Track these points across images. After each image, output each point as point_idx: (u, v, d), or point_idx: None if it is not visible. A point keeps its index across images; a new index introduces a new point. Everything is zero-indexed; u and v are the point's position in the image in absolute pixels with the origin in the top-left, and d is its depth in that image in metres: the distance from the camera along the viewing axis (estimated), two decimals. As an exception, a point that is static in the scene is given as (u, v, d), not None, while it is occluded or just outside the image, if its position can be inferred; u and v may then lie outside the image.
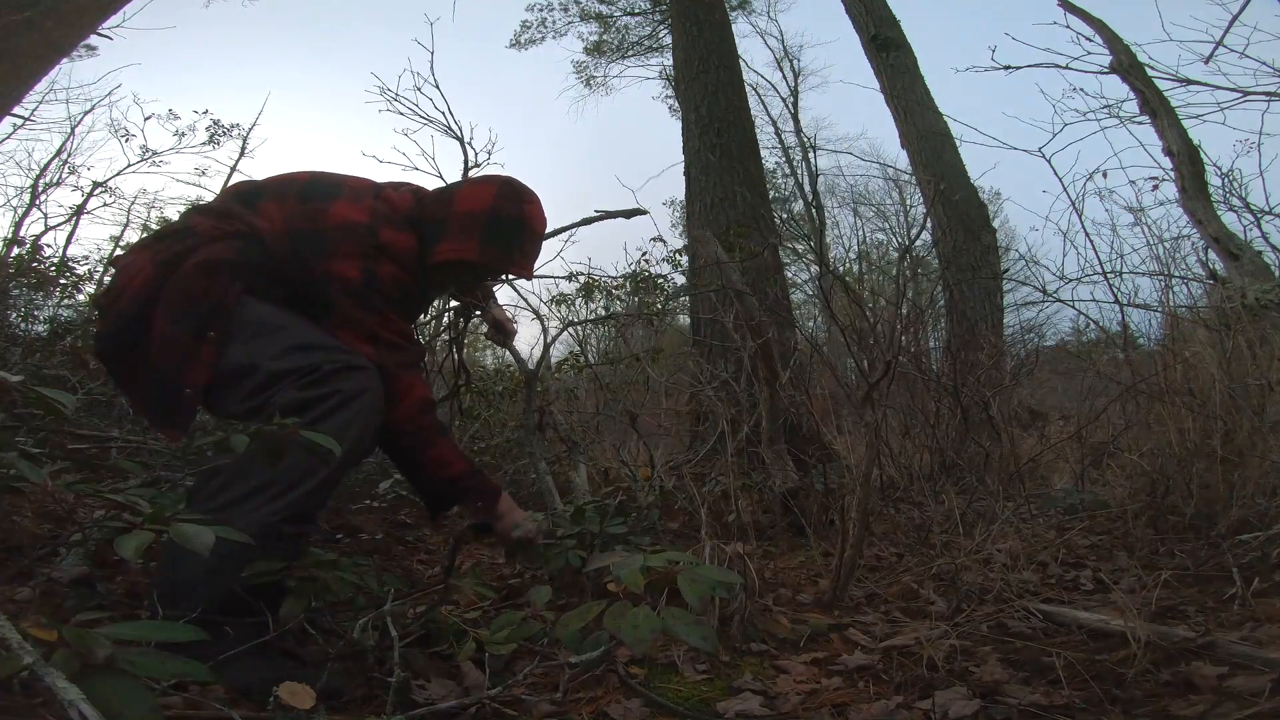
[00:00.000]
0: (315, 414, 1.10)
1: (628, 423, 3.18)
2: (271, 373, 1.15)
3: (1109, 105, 3.73)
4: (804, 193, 15.71)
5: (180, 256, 1.22)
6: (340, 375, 1.15)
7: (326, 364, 1.15)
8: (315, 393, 1.12)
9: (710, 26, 5.39)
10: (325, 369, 1.15)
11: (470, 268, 1.42)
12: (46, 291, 4.25)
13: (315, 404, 1.12)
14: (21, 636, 0.56)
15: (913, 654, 1.24)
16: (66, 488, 1.20)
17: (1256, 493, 1.88)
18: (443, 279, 1.47)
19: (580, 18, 12.20)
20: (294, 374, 1.14)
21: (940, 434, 2.86)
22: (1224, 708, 0.96)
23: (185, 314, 1.17)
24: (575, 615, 0.93)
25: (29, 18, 2.73)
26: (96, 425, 2.47)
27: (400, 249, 1.32)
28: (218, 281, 1.20)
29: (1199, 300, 2.83)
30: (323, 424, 1.08)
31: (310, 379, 1.14)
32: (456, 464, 1.32)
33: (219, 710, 0.83)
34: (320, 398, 1.12)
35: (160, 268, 1.21)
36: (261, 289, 1.24)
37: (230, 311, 1.20)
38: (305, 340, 1.19)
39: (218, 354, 1.17)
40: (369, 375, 1.19)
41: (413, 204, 1.41)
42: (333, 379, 1.14)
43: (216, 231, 1.27)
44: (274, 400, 1.12)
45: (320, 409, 1.11)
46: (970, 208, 6.21)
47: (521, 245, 1.41)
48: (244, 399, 1.15)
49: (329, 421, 1.10)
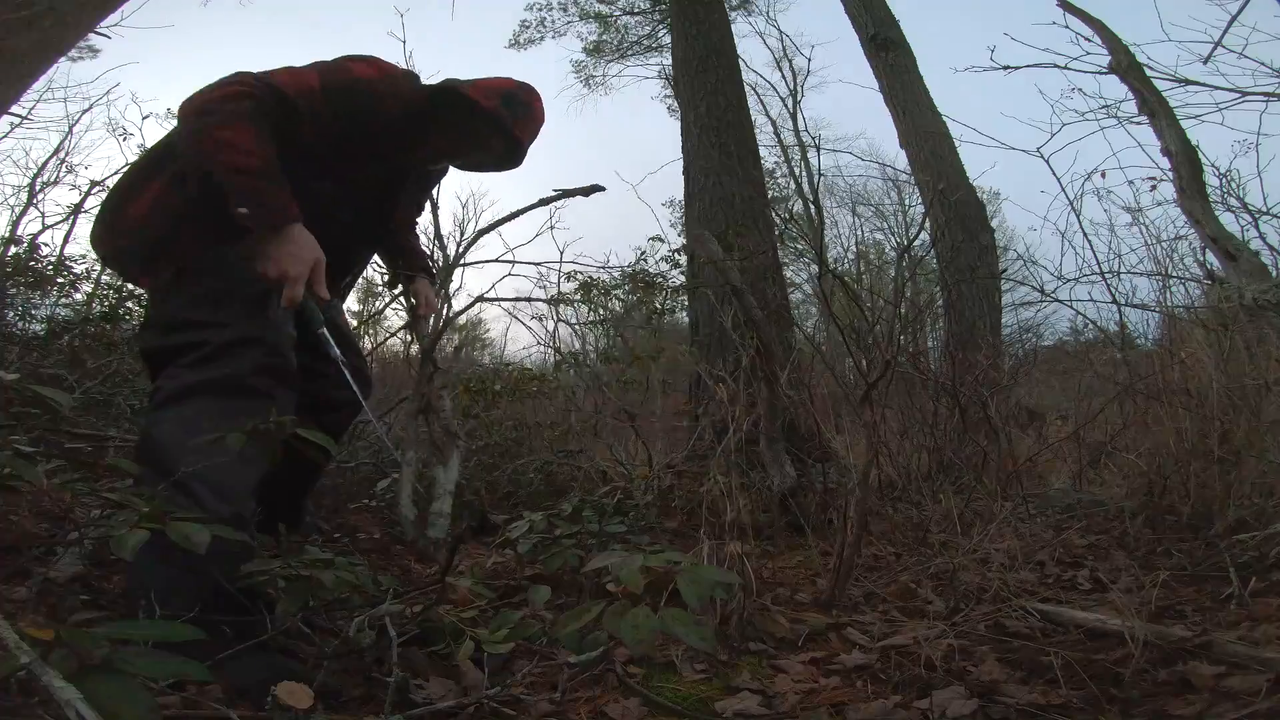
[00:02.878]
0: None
1: (626, 422, 3.19)
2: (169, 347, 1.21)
3: (1107, 105, 3.74)
4: (803, 193, 15.71)
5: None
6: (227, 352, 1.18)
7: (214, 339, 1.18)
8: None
9: (710, 26, 5.39)
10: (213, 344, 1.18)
11: (477, 116, 1.43)
12: (44, 291, 4.24)
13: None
14: (18, 636, 0.56)
15: (911, 653, 1.24)
16: (63, 487, 1.19)
17: (1254, 492, 1.88)
18: (442, 129, 1.45)
19: (580, 17, 12.19)
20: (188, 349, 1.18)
21: (938, 434, 2.86)
22: (1221, 707, 0.96)
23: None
24: (574, 615, 0.93)
25: (27, 16, 2.72)
26: (94, 424, 2.47)
27: (385, 88, 1.35)
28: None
29: (1196, 300, 2.84)
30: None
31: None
32: (244, 154, 1.16)
33: (217, 710, 0.83)
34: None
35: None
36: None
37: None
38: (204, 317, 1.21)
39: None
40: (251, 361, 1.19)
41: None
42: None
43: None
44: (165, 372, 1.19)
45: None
46: (969, 208, 6.21)
47: (528, 118, 1.48)
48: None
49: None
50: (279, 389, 1.21)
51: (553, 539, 1.66)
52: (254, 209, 1.16)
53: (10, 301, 3.99)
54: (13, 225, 7.32)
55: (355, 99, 1.31)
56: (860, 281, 13.57)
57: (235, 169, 1.15)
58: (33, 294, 4.20)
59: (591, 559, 1.14)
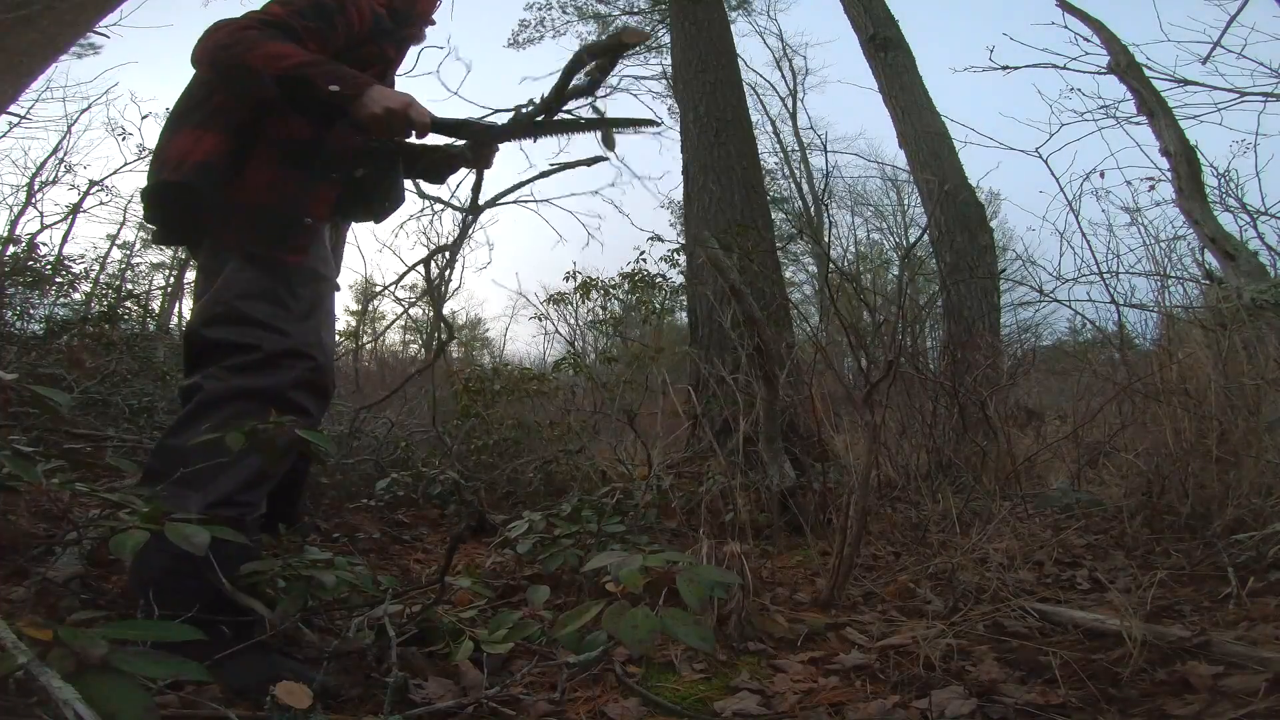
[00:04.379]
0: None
1: (625, 422, 3.19)
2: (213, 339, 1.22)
3: (1106, 106, 3.75)
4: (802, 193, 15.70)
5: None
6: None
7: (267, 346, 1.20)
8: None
9: (709, 26, 5.39)
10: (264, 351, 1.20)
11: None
12: (42, 290, 4.23)
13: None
14: (17, 636, 0.56)
15: (909, 653, 1.24)
16: (62, 486, 1.19)
17: (1251, 492, 1.89)
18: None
19: (579, 17, 12.19)
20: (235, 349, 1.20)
21: (937, 433, 2.86)
22: (1219, 707, 0.96)
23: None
24: (573, 615, 0.93)
25: (26, 15, 2.72)
26: (92, 424, 2.47)
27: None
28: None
29: (1195, 300, 2.84)
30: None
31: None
32: (293, 53, 1.23)
33: (215, 709, 0.83)
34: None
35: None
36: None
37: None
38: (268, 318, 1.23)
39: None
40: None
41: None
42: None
43: None
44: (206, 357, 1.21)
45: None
46: (968, 208, 6.21)
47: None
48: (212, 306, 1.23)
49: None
50: (315, 405, 1.25)
51: (552, 539, 1.66)
52: (342, 82, 1.22)
53: (9, 301, 3.99)
54: (11, 224, 7.30)
55: (319, 7, 1.35)
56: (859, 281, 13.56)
57: (299, 64, 1.21)
58: (31, 294, 4.19)
59: (590, 559, 1.14)
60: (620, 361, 3.78)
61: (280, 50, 1.21)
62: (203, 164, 1.23)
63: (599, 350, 4.58)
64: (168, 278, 12.93)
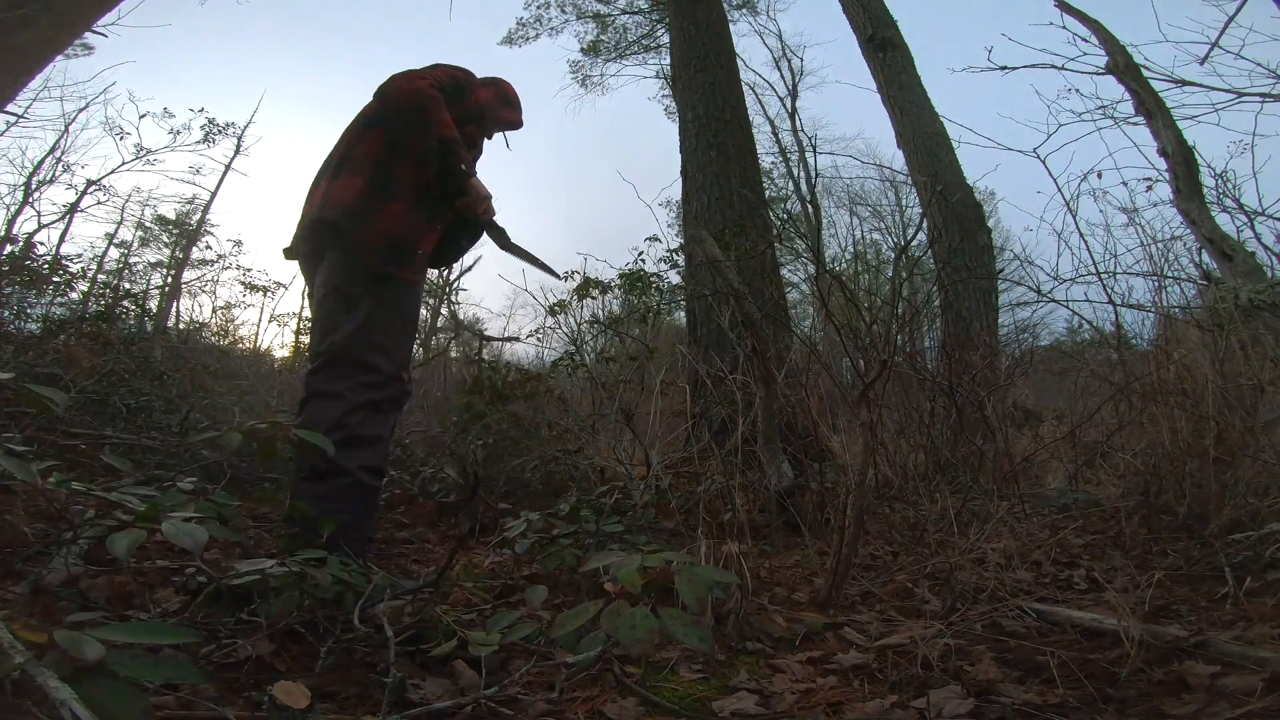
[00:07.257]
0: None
1: (623, 421, 3.18)
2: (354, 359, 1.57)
3: (1104, 106, 3.75)
4: (801, 193, 15.71)
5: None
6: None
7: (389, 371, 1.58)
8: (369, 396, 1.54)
9: (708, 26, 5.39)
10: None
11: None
12: (39, 289, 4.22)
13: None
14: (13, 637, 0.55)
15: (907, 653, 1.24)
16: (58, 486, 1.19)
17: (1249, 492, 1.89)
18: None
19: (578, 16, 12.18)
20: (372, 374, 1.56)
21: (935, 433, 2.87)
22: (1216, 706, 0.97)
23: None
24: (571, 615, 0.93)
25: (24, 14, 2.71)
26: (89, 424, 2.46)
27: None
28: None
29: (1192, 301, 2.85)
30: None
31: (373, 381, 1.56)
32: (452, 126, 1.62)
33: (212, 710, 0.83)
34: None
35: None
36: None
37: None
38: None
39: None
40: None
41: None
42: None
43: None
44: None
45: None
46: (966, 208, 6.22)
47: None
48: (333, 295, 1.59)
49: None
50: (396, 412, 1.64)
51: (550, 539, 1.66)
52: (467, 163, 1.65)
53: (6, 300, 3.97)
54: (9, 224, 7.28)
55: (458, 86, 1.74)
56: (857, 282, 13.58)
57: (455, 139, 1.61)
58: (28, 293, 4.18)
59: (589, 559, 1.14)
60: (618, 361, 3.78)
61: (448, 119, 1.60)
62: (349, 206, 1.57)
63: (597, 350, 4.57)
64: (165, 277, 12.91)
